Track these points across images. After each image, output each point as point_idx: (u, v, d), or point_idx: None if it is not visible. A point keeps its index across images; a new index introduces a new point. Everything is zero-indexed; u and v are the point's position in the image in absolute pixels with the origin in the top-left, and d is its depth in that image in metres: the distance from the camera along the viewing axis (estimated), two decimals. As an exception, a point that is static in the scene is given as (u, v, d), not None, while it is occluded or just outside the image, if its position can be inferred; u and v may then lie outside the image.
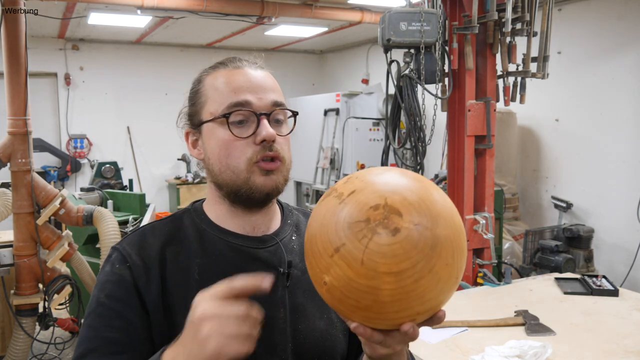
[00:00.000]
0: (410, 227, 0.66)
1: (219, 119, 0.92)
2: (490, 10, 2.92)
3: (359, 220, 0.67)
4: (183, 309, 0.88)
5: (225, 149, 0.92)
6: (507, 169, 5.02)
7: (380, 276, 0.65)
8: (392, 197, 0.68)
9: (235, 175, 0.92)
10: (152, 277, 0.90)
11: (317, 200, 6.97)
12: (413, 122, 2.99)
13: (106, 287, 0.90)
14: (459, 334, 1.99)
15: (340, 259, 0.67)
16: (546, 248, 4.10)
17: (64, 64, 7.25)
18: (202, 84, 0.97)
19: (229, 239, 0.95)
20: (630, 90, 4.44)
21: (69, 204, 3.28)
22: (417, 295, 0.66)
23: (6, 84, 3.09)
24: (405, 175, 0.72)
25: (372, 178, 0.71)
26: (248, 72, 0.95)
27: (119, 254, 0.92)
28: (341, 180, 0.75)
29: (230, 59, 0.98)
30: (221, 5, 5.00)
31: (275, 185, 0.93)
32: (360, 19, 5.55)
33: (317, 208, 0.74)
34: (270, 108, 0.93)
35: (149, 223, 1.00)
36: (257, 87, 0.94)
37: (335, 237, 0.68)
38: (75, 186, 7.18)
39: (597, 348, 1.89)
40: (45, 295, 3.19)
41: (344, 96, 6.61)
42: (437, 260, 0.66)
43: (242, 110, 0.92)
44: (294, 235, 1.03)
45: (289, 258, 0.97)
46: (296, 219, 1.07)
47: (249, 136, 0.91)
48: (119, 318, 0.87)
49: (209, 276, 0.91)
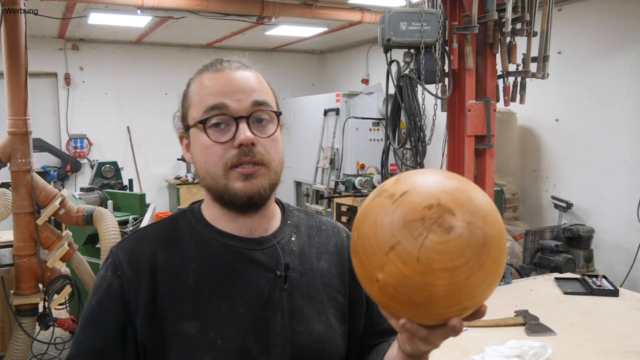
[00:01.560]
0: (463, 225, 0.69)
1: (199, 124, 0.91)
2: (490, 10, 2.92)
3: (414, 219, 0.69)
4: (177, 315, 0.89)
5: (205, 154, 0.91)
6: (507, 169, 5.02)
7: (435, 272, 0.68)
8: (444, 197, 0.71)
9: (215, 180, 0.91)
10: (142, 285, 0.90)
11: (317, 201, 6.97)
12: (413, 122, 2.98)
13: (97, 293, 0.92)
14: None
15: (395, 257, 0.69)
16: (546, 248, 4.10)
17: (64, 64, 7.25)
18: (189, 88, 0.97)
19: (224, 241, 0.94)
20: (630, 90, 4.44)
21: (69, 204, 3.28)
22: (468, 290, 0.70)
23: (6, 84, 3.09)
24: (451, 177, 0.75)
25: (421, 179, 0.74)
26: (228, 74, 0.93)
27: (112, 261, 0.93)
28: (389, 181, 0.77)
29: (213, 62, 0.97)
30: (221, 5, 5.00)
31: (257, 190, 0.90)
32: (360, 19, 5.55)
33: (367, 208, 0.76)
34: (250, 110, 0.91)
35: (145, 226, 1.00)
36: (236, 89, 0.92)
37: (391, 236, 0.70)
38: (75, 186, 7.18)
39: (597, 348, 1.89)
40: (45, 295, 3.18)
41: (344, 96, 6.61)
42: (487, 257, 0.70)
43: (219, 113, 0.90)
44: (293, 236, 1.01)
45: (286, 260, 0.96)
46: (297, 219, 1.05)
47: (227, 141, 0.90)
48: (103, 326, 0.89)
49: (205, 280, 0.91)
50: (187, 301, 0.90)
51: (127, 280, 0.90)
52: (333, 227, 1.10)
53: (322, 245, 1.04)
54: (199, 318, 0.89)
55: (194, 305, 0.89)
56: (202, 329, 0.88)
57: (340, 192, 5.84)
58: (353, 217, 5.68)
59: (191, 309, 0.89)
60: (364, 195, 5.62)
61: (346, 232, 1.11)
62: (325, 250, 1.04)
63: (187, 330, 0.88)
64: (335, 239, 1.07)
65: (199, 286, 0.91)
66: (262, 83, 0.96)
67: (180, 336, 0.88)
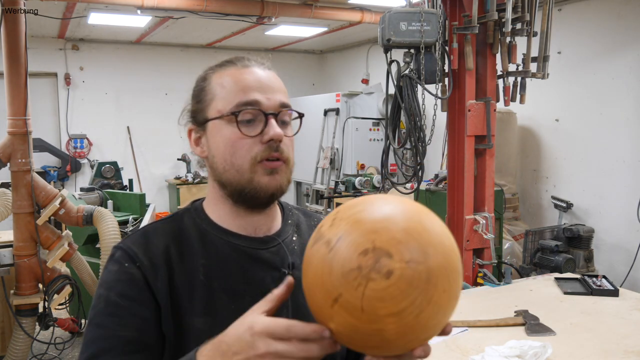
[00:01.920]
0: (402, 265, 0.66)
1: (228, 116, 0.91)
2: (490, 10, 2.92)
3: (351, 268, 0.67)
4: (189, 309, 0.89)
5: (231, 146, 0.91)
6: (507, 169, 5.02)
7: (382, 319, 0.66)
8: (379, 238, 0.68)
9: (239, 174, 0.91)
10: (160, 277, 0.89)
11: (317, 201, 6.97)
12: (413, 122, 2.98)
13: (116, 286, 0.88)
14: (459, 334, 1.99)
15: (340, 309, 0.68)
16: (546, 248, 4.10)
17: (64, 64, 7.25)
18: (208, 81, 0.96)
19: (230, 240, 0.95)
20: (630, 90, 4.44)
21: (68, 204, 3.28)
22: (421, 326, 0.68)
23: (6, 84, 3.09)
24: (388, 205, 0.72)
25: (356, 216, 0.71)
26: (256, 71, 0.95)
27: (125, 253, 0.91)
28: (326, 222, 0.74)
29: (238, 58, 0.98)
30: (221, 5, 5.00)
31: (280, 185, 0.92)
32: (360, 19, 5.55)
33: (308, 256, 0.74)
34: (278, 108, 0.93)
35: (149, 223, 0.99)
36: (266, 87, 0.93)
37: (332, 288, 0.68)
38: (75, 186, 7.18)
39: (597, 348, 1.88)
40: (45, 295, 3.19)
41: (344, 96, 6.62)
42: (434, 291, 0.67)
43: (251, 109, 0.91)
44: (294, 235, 1.02)
45: (291, 259, 0.97)
46: (296, 218, 1.07)
47: (256, 135, 0.91)
48: (133, 317, 0.87)
49: (214, 277, 0.92)
50: (199, 297, 0.90)
51: (147, 271, 0.89)
52: None
53: None
54: (210, 315, 0.89)
55: (206, 301, 0.90)
56: (212, 326, 0.88)
57: (340, 192, 5.84)
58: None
59: (203, 305, 0.90)
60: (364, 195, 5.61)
61: None
62: None
63: (198, 325, 0.88)
64: None
65: (209, 283, 0.91)
66: (283, 86, 0.98)
67: (193, 331, 0.88)
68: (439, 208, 4.06)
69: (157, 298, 0.88)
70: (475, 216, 3.10)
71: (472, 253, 3.12)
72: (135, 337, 0.86)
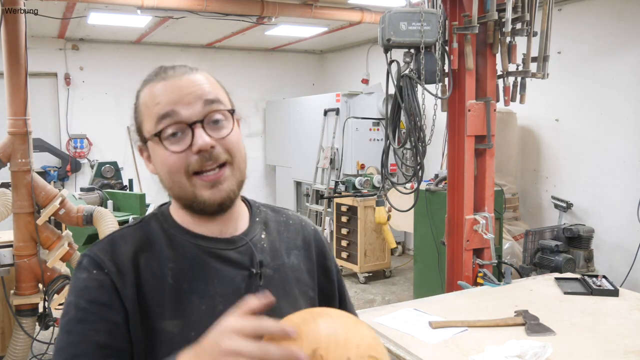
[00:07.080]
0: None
1: (154, 137, 0.91)
2: (490, 10, 2.92)
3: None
4: (159, 314, 0.89)
5: (165, 165, 0.91)
6: (507, 169, 5.02)
7: None
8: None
9: (182, 190, 0.92)
10: (127, 283, 0.90)
11: (317, 201, 6.98)
12: (413, 122, 2.98)
13: (85, 293, 0.89)
14: (459, 334, 1.99)
15: None
16: (546, 248, 4.09)
17: (64, 64, 7.25)
18: (138, 100, 0.96)
19: (198, 242, 0.95)
20: (630, 90, 4.44)
21: (68, 204, 3.28)
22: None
23: (6, 84, 3.09)
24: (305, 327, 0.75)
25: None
26: (173, 82, 0.92)
27: (92, 261, 0.91)
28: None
29: (157, 71, 0.96)
30: (221, 5, 5.00)
31: (226, 195, 0.92)
32: (360, 19, 5.55)
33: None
34: (203, 112, 0.90)
35: (117, 230, 0.99)
36: (184, 94, 0.90)
37: None
38: (75, 186, 7.18)
39: (597, 348, 1.88)
40: (45, 295, 3.19)
41: (344, 96, 6.62)
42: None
43: (172, 123, 0.89)
44: (263, 233, 1.03)
45: (259, 257, 0.98)
46: (264, 216, 1.07)
47: (184, 149, 0.89)
48: (103, 322, 0.87)
49: (183, 280, 0.92)
50: (169, 300, 0.90)
51: (115, 278, 0.89)
52: (300, 221, 1.13)
53: (291, 240, 1.07)
54: (181, 317, 0.90)
55: (175, 304, 0.90)
56: (184, 328, 0.89)
57: (340, 192, 5.84)
58: (353, 217, 5.69)
59: (172, 308, 0.90)
60: (364, 195, 5.62)
61: (313, 226, 1.14)
62: (294, 246, 1.07)
63: (169, 329, 0.89)
64: (303, 233, 1.10)
65: (178, 286, 0.91)
66: (212, 82, 0.95)
67: (163, 335, 0.89)
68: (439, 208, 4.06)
69: (126, 304, 0.88)
70: (475, 216, 3.10)
71: (472, 253, 3.13)
72: (106, 342, 0.86)
